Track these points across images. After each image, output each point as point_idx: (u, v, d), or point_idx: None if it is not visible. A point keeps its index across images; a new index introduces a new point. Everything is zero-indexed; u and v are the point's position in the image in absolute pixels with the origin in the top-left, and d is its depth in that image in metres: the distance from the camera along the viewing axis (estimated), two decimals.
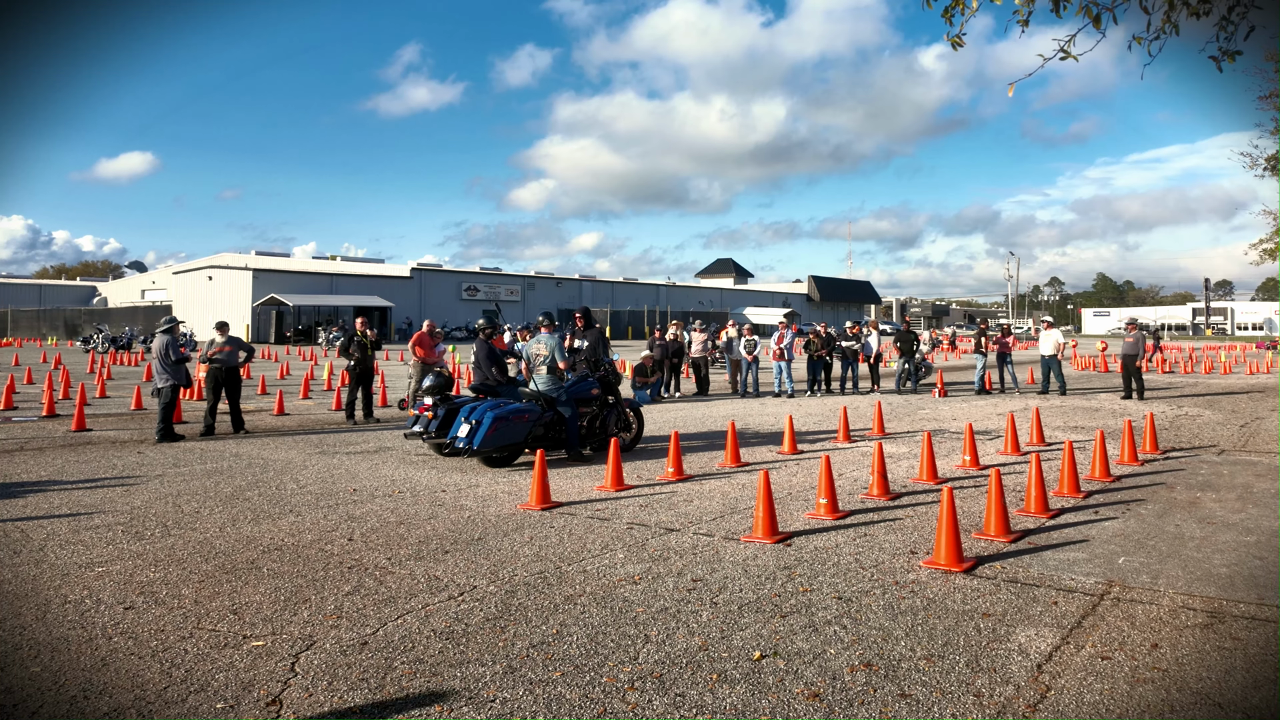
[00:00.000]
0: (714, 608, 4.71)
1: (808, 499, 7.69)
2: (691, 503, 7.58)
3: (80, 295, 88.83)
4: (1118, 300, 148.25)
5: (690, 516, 7.01)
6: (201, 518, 7.04)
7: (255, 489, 8.31)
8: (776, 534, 6.18)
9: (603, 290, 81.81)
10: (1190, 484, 8.45)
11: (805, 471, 9.21)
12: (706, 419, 14.57)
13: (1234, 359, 34.98)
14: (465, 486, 8.43)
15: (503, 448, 9.45)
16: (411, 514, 7.16)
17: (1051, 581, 5.19)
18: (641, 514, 7.11)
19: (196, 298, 61.71)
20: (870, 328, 22.99)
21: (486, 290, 72.36)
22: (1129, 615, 4.60)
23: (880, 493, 7.69)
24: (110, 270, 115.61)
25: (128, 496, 7.93)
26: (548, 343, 10.17)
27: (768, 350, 20.05)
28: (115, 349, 38.02)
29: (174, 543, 6.21)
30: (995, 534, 6.17)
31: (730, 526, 6.65)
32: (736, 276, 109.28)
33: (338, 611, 4.68)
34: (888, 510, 7.22)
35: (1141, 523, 6.76)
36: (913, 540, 6.19)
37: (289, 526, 6.71)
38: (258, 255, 70.75)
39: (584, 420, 10.40)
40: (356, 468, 9.59)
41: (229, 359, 12.98)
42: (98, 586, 5.15)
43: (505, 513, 7.21)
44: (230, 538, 6.35)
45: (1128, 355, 18.44)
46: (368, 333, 14.44)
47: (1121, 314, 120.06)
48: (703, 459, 10.07)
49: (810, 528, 6.60)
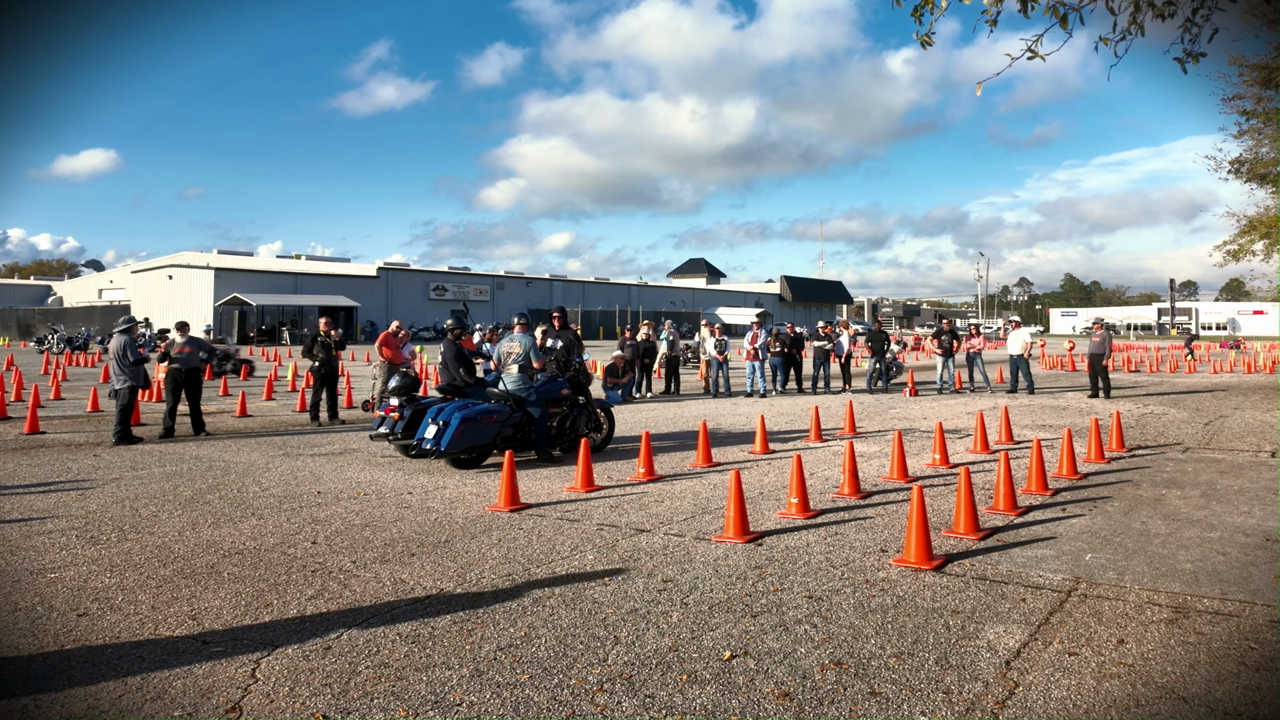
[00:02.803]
0: (684, 608, 4.67)
1: (779, 498, 7.69)
2: (663, 503, 7.54)
3: (34, 295, 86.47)
4: (1085, 300, 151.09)
5: (661, 517, 6.97)
6: (160, 521, 6.84)
7: (216, 492, 8.11)
8: (748, 534, 6.16)
9: (574, 290, 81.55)
10: (1156, 481, 8.59)
11: (777, 471, 9.21)
12: (678, 419, 14.55)
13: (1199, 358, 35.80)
14: (432, 488, 8.31)
15: (471, 449, 9.33)
16: (377, 516, 7.03)
17: (1020, 579, 5.23)
18: (612, 515, 7.06)
19: (157, 298, 60.41)
20: (842, 327, 23.15)
21: (455, 290, 71.73)
22: (1096, 611, 4.64)
23: (851, 491, 7.71)
24: (66, 269, 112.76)
25: (83, 500, 7.70)
26: (523, 342, 10.07)
27: (739, 350, 20.11)
28: (71, 349, 37.08)
29: (131, 547, 6.02)
30: (965, 532, 6.21)
31: (701, 527, 6.61)
32: (709, 276, 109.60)
33: (300, 615, 4.56)
34: (859, 509, 7.24)
35: (1108, 520, 6.85)
36: (883, 539, 6.20)
37: (251, 530, 6.56)
38: (220, 254, 69.45)
39: (554, 421, 10.32)
40: (321, 470, 9.41)
41: (189, 360, 12.70)
42: (50, 593, 4.98)
43: (473, 515, 7.11)
44: (189, 542, 6.18)
45: (1095, 355, 18.73)
46: (332, 333, 14.22)
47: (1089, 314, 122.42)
48: (674, 459, 10.04)
49: (782, 527, 6.59)
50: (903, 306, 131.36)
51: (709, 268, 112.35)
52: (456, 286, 72.26)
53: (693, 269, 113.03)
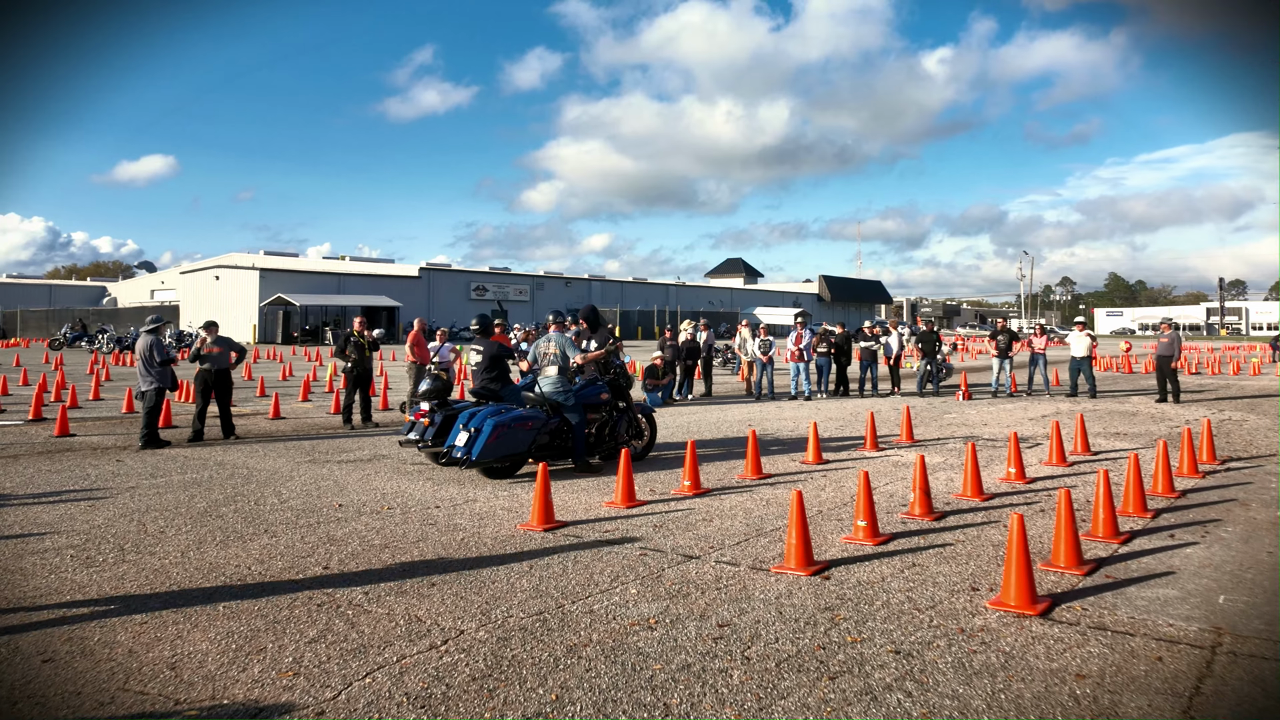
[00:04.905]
0: (746, 664, 3.92)
1: (841, 518, 6.88)
2: (711, 522, 6.78)
3: (91, 295, 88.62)
4: (1130, 300, 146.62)
5: (711, 540, 6.22)
6: (165, 540, 6.29)
7: (232, 504, 7.57)
8: (812, 564, 5.37)
9: (612, 290, 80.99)
10: (1265, 500, 7.59)
11: (834, 485, 8.40)
12: (722, 424, 13.77)
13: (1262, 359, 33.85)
14: (461, 501, 7.67)
15: (504, 458, 8.67)
16: (399, 535, 6.40)
17: (1147, 628, 4.37)
18: (656, 536, 6.32)
19: (204, 297, 61.29)
20: (891, 327, 22.08)
21: (495, 290, 71.67)
22: (1255, 676, 3.78)
23: (924, 512, 6.87)
24: (121, 270, 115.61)
25: (90, 513, 7.20)
26: (557, 340, 9.39)
27: (780, 351, 19.26)
28: (120, 349, 37.47)
29: (126, 571, 5.46)
30: (1066, 565, 5.34)
31: (757, 553, 5.85)
32: (746, 276, 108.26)
33: (296, 665, 3.91)
34: (934, 533, 6.40)
35: (1228, 549, 5.92)
36: (970, 573, 5.37)
37: (260, 551, 5.96)
38: (266, 255, 70.25)
39: (592, 427, 9.61)
40: (346, 479, 8.84)
41: (218, 360, 12.27)
42: (19, 631, 4.40)
43: (503, 534, 6.44)
44: (191, 564, 5.61)
45: (1163, 356, 17.53)
46: (365, 333, 13.71)
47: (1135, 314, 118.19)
48: (720, 470, 9.28)
49: (849, 555, 5.79)
50: (942, 306, 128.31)
51: (746, 267, 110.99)
52: (497, 286, 72.20)
53: (730, 269, 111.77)
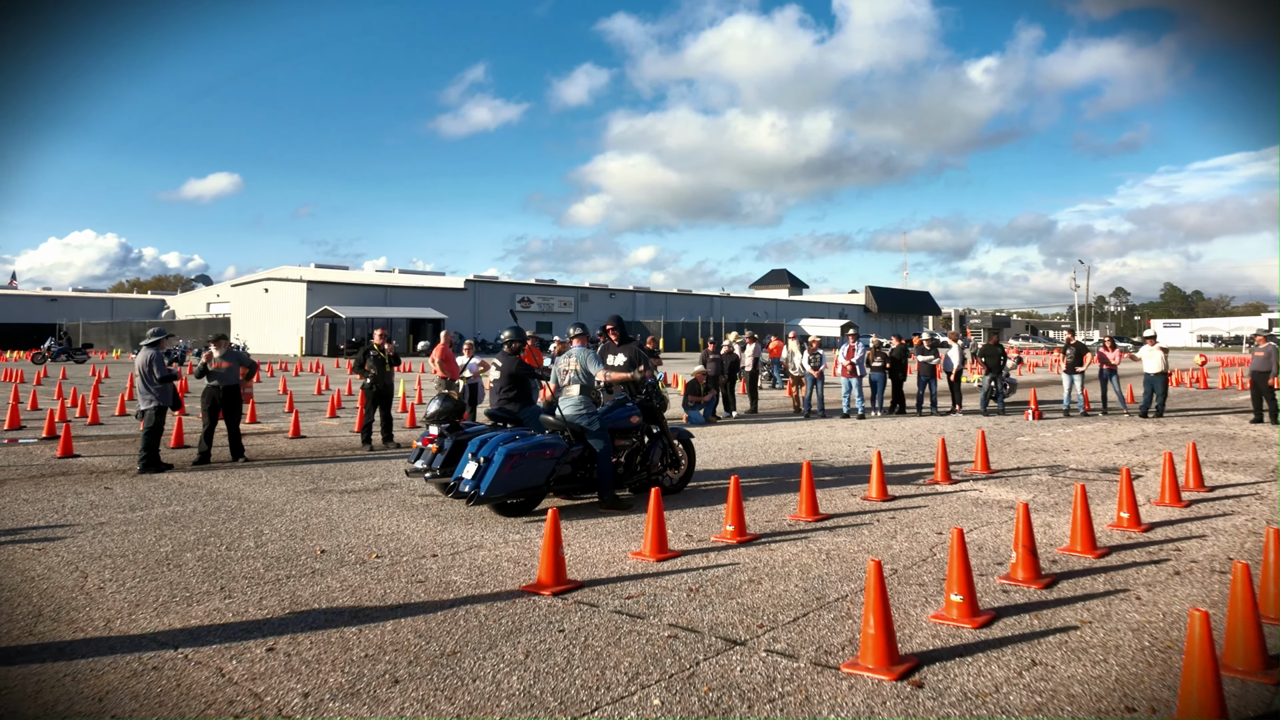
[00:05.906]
0: None
1: (922, 582, 5.54)
2: (760, 586, 5.50)
3: (150, 309, 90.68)
4: (1187, 311, 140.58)
5: (760, 614, 4.94)
6: (98, 601, 5.23)
7: (202, 547, 6.53)
8: (896, 661, 4.04)
9: (656, 301, 79.87)
10: None
11: (906, 532, 7.03)
12: (769, 446, 12.44)
13: None
14: (463, 548, 6.51)
15: (518, 492, 7.51)
16: (376, 597, 5.26)
17: None
18: (690, 606, 5.07)
19: (255, 309, 61.92)
20: (951, 339, 20.46)
21: (540, 302, 71.15)
22: None
23: (1029, 576, 5.46)
24: (180, 284, 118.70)
25: (37, 557, 6.22)
26: (578, 356, 8.23)
27: (833, 365, 17.86)
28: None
29: (27, 646, 4.41)
30: (1248, 665, 3.92)
31: (820, 637, 4.55)
32: (791, 287, 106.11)
33: None
34: (1047, 609, 5.00)
35: None
36: (1115, 677, 3.98)
37: (201, 618, 4.87)
38: (315, 268, 70.87)
39: (620, 455, 8.39)
40: (342, 515, 7.77)
41: (227, 376, 11.39)
42: None
43: (503, 597, 5.25)
44: (108, 640, 4.53)
45: (1259, 372, 15.72)
46: (385, 346, 12.74)
47: (1193, 325, 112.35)
48: (769, 507, 7.98)
49: (942, 643, 4.46)
50: (991, 318, 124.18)
51: (791, 279, 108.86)
52: (542, 299, 71.67)
53: (775, 280, 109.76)
